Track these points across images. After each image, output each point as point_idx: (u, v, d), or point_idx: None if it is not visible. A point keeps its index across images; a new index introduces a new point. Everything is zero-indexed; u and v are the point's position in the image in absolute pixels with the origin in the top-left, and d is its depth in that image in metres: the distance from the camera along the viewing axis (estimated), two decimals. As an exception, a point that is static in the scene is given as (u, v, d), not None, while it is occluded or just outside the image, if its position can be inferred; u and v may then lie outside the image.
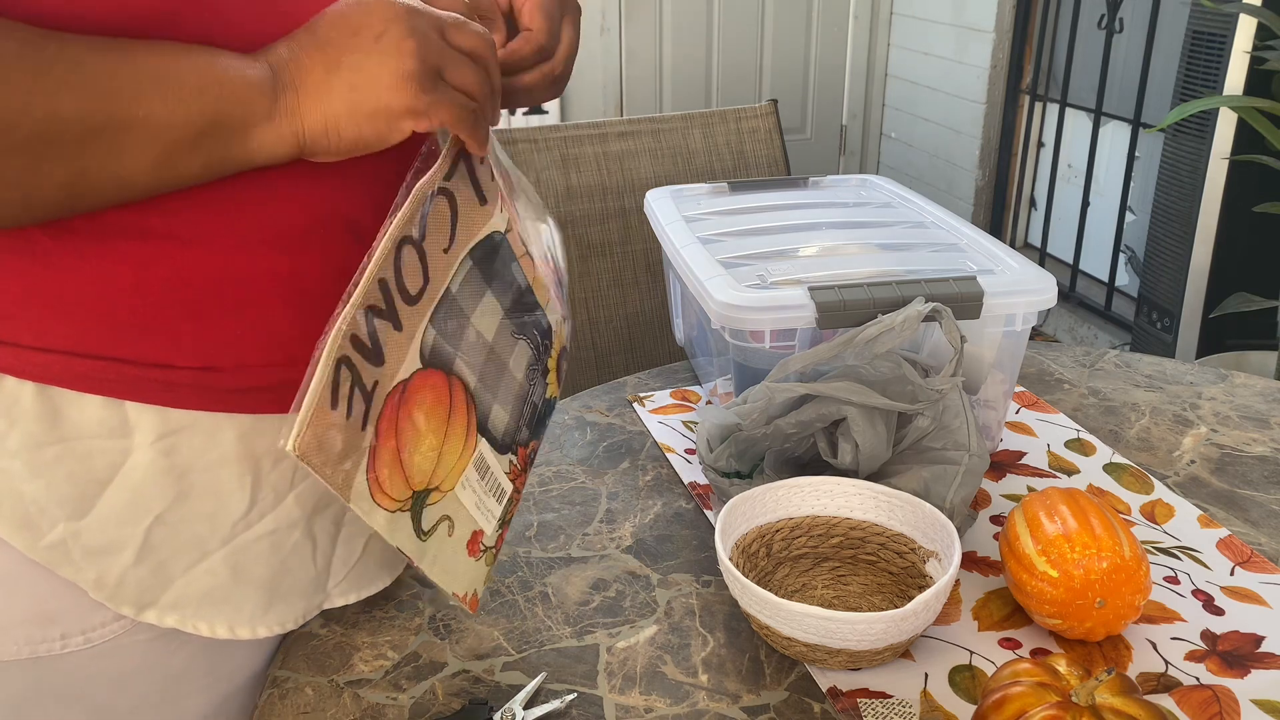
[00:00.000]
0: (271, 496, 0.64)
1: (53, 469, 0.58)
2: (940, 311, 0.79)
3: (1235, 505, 0.86)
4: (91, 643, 0.62)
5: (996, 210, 3.32)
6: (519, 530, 0.83)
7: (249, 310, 0.60)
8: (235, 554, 0.64)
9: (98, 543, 0.60)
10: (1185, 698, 0.65)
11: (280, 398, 0.62)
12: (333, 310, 0.59)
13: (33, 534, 0.58)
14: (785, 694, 0.66)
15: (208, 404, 0.61)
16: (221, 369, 0.60)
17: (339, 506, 0.68)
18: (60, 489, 0.58)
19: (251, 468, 0.63)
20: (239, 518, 0.63)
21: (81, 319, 0.57)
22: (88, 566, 0.60)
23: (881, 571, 0.76)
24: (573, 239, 1.48)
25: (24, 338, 0.56)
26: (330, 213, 0.62)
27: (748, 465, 0.85)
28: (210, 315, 0.59)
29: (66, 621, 0.61)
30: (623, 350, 1.52)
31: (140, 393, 0.59)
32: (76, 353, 0.57)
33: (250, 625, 0.66)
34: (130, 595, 0.61)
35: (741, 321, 0.83)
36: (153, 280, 0.57)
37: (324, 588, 0.70)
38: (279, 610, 0.67)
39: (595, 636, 0.71)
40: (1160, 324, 2.49)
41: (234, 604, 0.65)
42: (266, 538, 0.65)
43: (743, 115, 1.58)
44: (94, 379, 0.58)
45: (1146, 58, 2.69)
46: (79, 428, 0.58)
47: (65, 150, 0.50)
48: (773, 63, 3.55)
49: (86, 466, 0.59)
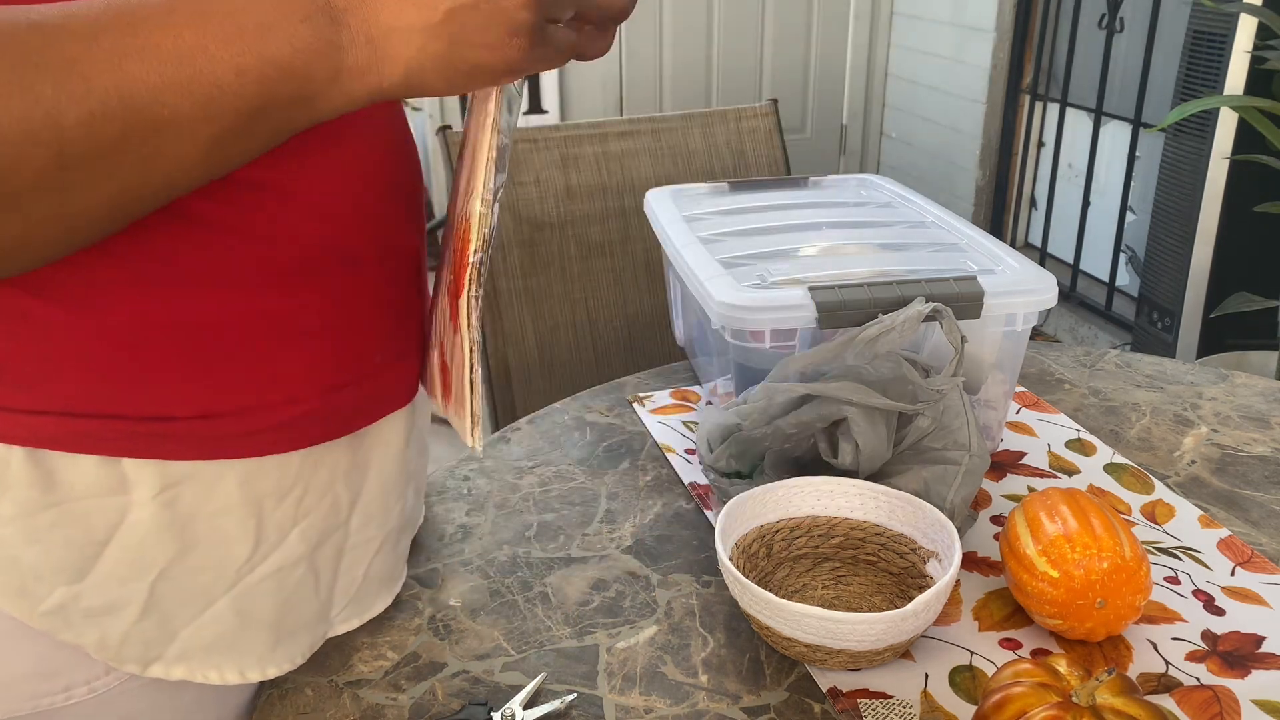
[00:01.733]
0: (275, 535, 0.63)
1: (49, 534, 0.56)
2: (941, 311, 0.78)
3: (1236, 505, 0.86)
4: (96, 692, 0.61)
5: (997, 210, 3.32)
6: (519, 530, 0.83)
7: (247, 352, 0.58)
8: (240, 598, 0.62)
9: (98, 604, 0.58)
10: (1186, 698, 0.65)
11: (281, 438, 0.61)
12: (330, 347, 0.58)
13: (30, 602, 0.56)
14: (785, 694, 0.66)
15: (208, 452, 0.58)
16: (222, 415, 0.58)
17: (339, 536, 0.67)
18: (57, 554, 0.56)
19: (255, 511, 0.61)
20: (243, 562, 0.62)
21: (75, 377, 0.54)
22: (88, 629, 0.58)
23: (882, 572, 0.76)
24: (573, 239, 1.48)
25: (11, 400, 0.54)
26: (326, 248, 0.60)
27: (748, 465, 0.85)
28: (209, 361, 0.57)
29: (70, 674, 0.60)
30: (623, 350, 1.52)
31: (138, 448, 0.56)
32: (70, 413, 0.54)
33: (260, 667, 0.65)
34: (134, 653, 0.60)
35: (741, 321, 0.83)
36: (148, 330, 0.55)
37: (327, 617, 0.69)
38: (286, 647, 0.66)
39: (595, 637, 0.71)
40: (1161, 324, 2.49)
41: (241, 648, 0.64)
42: (271, 577, 0.63)
43: (743, 115, 1.58)
44: (89, 438, 0.55)
45: (1147, 57, 2.69)
46: (74, 489, 0.56)
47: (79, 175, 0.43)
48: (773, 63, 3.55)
49: (84, 528, 0.56)
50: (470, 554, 0.81)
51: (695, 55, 3.45)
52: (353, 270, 0.61)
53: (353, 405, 0.64)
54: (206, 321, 0.56)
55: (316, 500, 0.64)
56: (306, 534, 0.64)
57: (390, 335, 0.66)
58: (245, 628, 0.63)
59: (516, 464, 0.93)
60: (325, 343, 0.61)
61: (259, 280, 0.57)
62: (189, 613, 0.61)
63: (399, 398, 0.68)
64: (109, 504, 0.57)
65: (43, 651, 0.58)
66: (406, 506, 0.74)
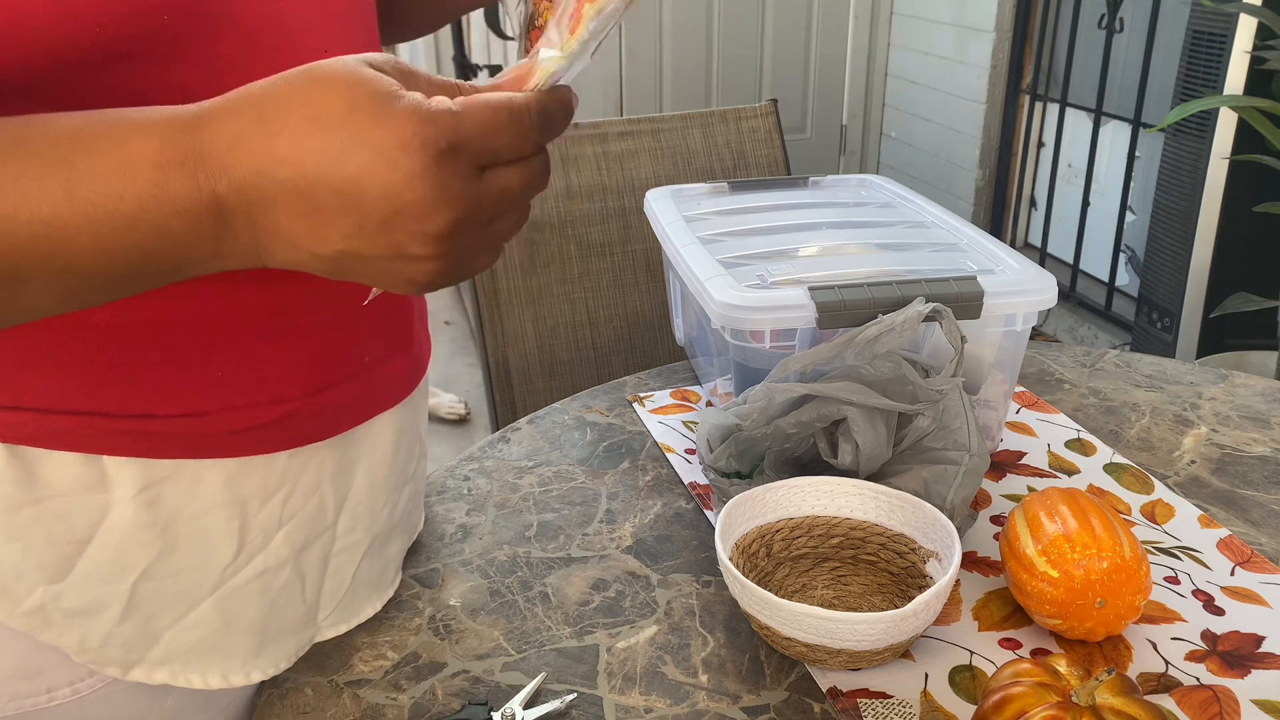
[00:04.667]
0: (260, 537, 0.62)
1: (29, 532, 0.55)
2: (940, 311, 0.78)
3: (1235, 505, 0.86)
4: (79, 693, 0.60)
5: (996, 210, 3.32)
6: (519, 530, 0.83)
7: (232, 350, 0.57)
8: (224, 600, 0.62)
9: (79, 604, 0.57)
10: (1185, 698, 0.65)
11: (266, 438, 0.60)
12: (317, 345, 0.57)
13: (10, 601, 0.56)
14: (785, 694, 0.66)
15: (191, 451, 0.58)
16: (205, 413, 0.57)
17: (327, 538, 0.66)
18: (38, 553, 0.56)
19: (239, 512, 0.60)
20: (227, 563, 0.61)
21: (57, 374, 0.54)
22: (69, 630, 0.58)
23: (882, 572, 0.76)
24: (573, 239, 1.48)
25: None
26: None
27: (748, 465, 0.85)
28: (193, 358, 0.56)
29: (53, 675, 0.59)
30: (623, 350, 1.52)
31: (120, 446, 0.56)
32: (52, 409, 0.54)
33: (244, 671, 0.64)
34: (115, 655, 0.60)
35: (741, 321, 0.83)
36: (132, 326, 0.54)
37: (314, 621, 0.69)
38: (271, 652, 0.66)
39: (595, 637, 0.71)
40: (1160, 324, 2.49)
41: (225, 652, 0.63)
42: (256, 580, 0.63)
43: (743, 115, 1.58)
44: (71, 435, 0.54)
45: (1146, 57, 2.69)
46: (54, 486, 0.55)
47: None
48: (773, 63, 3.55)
49: (65, 526, 0.56)
50: (470, 554, 0.81)
51: (695, 55, 3.45)
52: None
53: (340, 405, 0.64)
54: (189, 318, 0.55)
55: (302, 501, 0.64)
56: (292, 536, 0.64)
57: (380, 333, 0.66)
58: (229, 631, 0.63)
59: (516, 464, 0.93)
60: (312, 341, 0.60)
61: (243, 276, 0.55)
62: (171, 615, 0.61)
63: (389, 398, 0.68)
64: (90, 502, 0.56)
65: (24, 652, 0.58)
66: (401, 510, 0.74)
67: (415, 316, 0.70)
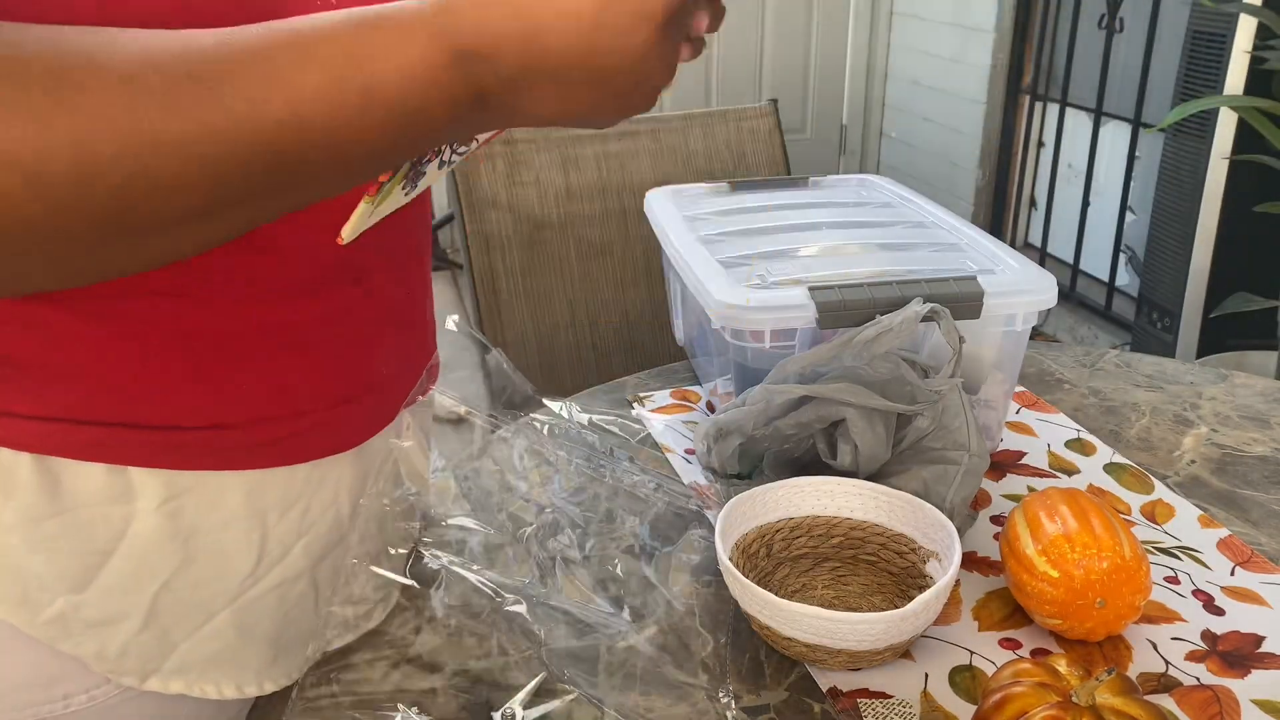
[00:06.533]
0: (279, 550, 0.62)
1: (53, 543, 0.55)
2: (938, 312, 0.78)
3: (1235, 505, 0.86)
4: (95, 700, 0.60)
5: (996, 210, 3.32)
6: (519, 530, 0.83)
7: (257, 363, 0.58)
8: (241, 612, 0.62)
9: (99, 615, 0.58)
10: (1185, 698, 0.65)
11: (288, 450, 0.60)
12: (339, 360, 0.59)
13: (31, 610, 0.56)
14: (785, 694, 0.66)
15: (215, 463, 0.58)
16: (230, 426, 0.58)
17: (340, 552, 0.67)
18: (61, 563, 0.56)
19: (259, 523, 0.61)
20: (246, 575, 0.62)
21: (84, 385, 0.54)
22: (88, 640, 0.58)
23: (881, 572, 0.76)
24: (573, 239, 1.48)
25: (21, 407, 0.53)
26: (337, 260, 0.60)
27: (748, 466, 0.85)
28: (218, 371, 0.57)
29: (69, 683, 0.59)
30: (623, 350, 1.52)
31: (145, 457, 0.56)
32: (79, 420, 0.54)
33: (258, 682, 0.65)
34: (132, 665, 0.60)
35: (741, 321, 0.83)
36: (159, 339, 0.54)
37: (324, 631, 0.69)
38: (284, 663, 0.66)
39: (595, 636, 0.71)
40: (1160, 324, 2.49)
41: (240, 663, 0.63)
42: (273, 591, 0.63)
43: (743, 115, 1.58)
44: (98, 446, 0.55)
45: (1146, 58, 2.69)
46: (79, 497, 0.55)
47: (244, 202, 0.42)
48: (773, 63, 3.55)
49: (88, 536, 0.56)
50: (470, 554, 0.80)
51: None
52: (359, 284, 0.61)
53: (360, 418, 0.64)
54: (216, 332, 0.56)
55: (320, 514, 0.64)
56: (310, 548, 0.64)
57: (398, 345, 0.66)
58: (245, 642, 0.63)
59: (517, 464, 0.93)
60: (334, 353, 0.61)
61: (269, 292, 0.57)
62: (189, 626, 0.61)
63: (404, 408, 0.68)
64: (114, 513, 0.56)
65: (42, 660, 0.58)
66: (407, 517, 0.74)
67: (430, 328, 0.71)
